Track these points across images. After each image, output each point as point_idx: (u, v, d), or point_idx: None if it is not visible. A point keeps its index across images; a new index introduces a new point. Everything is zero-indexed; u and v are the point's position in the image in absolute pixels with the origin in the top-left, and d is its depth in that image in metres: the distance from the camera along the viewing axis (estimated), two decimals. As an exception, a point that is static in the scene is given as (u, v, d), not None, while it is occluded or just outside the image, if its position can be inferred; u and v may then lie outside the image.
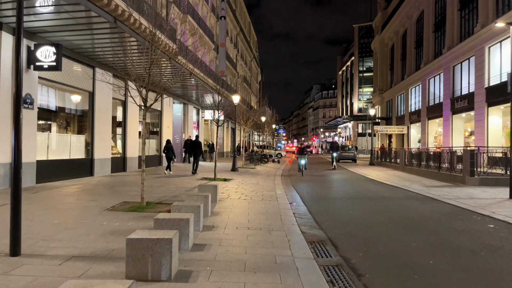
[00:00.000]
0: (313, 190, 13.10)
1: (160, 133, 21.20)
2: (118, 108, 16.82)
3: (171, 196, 9.81)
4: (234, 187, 12.49)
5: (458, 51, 26.74)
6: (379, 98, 51.03)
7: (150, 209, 7.82)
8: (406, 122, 39.13)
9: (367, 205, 9.54)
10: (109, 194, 10.01)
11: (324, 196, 11.47)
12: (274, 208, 8.53)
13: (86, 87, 13.80)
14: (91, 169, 14.08)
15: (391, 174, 19.71)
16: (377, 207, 9.28)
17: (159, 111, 20.99)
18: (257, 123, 39.13)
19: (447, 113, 28.58)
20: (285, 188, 13.20)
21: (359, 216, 8.07)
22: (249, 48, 57.58)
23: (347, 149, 34.93)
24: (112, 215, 7.15)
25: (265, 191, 11.78)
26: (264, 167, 24.86)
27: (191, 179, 14.45)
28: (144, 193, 8.15)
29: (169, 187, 11.72)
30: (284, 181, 16.08)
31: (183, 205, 6.12)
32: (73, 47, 12.33)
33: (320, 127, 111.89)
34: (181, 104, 25.09)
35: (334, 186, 14.06)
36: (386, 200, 10.38)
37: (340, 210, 8.88)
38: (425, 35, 34.10)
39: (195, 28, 26.99)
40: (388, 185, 13.86)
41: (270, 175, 18.17)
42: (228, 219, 7.14)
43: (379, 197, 11.04)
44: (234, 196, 10.25)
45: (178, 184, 12.62)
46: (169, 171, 16.36)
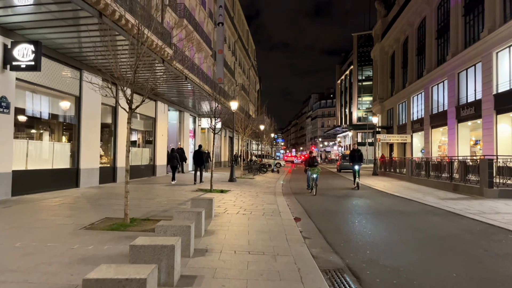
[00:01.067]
0: (318, 202, 12.02)
1: (154, 141, 20.13)
2: (108, 114, 15.76)
3: (161, 211, 8.71)
4: (232, 199, 11.40)
5: (463, 57, 25.90)
6: (379, 106, 50.18)
7: (134, 228, 6.72)
8: (408, 131, 38.18)
9: (383, 222, 8.44)
10: (91, 208, 8.90)
11: (331, 210, 10.38)
12: (278, 225, 7.44)
13: (72, 91, 12.77)
14: (76, 180, 12.96)
15: (398, 184, 18.65)
16: (395, 224, 8.19)
17: (153, 118, 19.95)
18: (256, 131, 38.16)
19: (452, 121, 27.64)
20: (287, 200, 12.12)
21: (378, 236, 6.97)
22: (247, 56, 56.85)
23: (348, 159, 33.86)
24: (88, 235, 6.05)
25: (266, 204, 10.70)
26: (263, 177, 23.77)
27: (185, 191, 13.35)
28: (128, 208, 7.05)
29: (160, 200, 10.62)
30: (286, 192, 14.99)
31: (170, 225, 5.03)
32: (57, 47, 11.32)
33: (318, 136, 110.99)
34: (177, 112, 24.08)
35: (340, 198, 12.97)
36: (403, 216, 9.29)
37: (353, 227, 7.79)
38: (428, 42, 33.34)
39: (192, 33, 26.10)
40: (400, 198, 12.78)
41: (270, 186, 17.09)
42: (224, 240, 6.05)
43: (394, 211, 9.96)
44: (231, 211, 9.16)
45: (171, 197, 11.53)
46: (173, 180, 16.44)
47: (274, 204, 10.67)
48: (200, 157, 16.88)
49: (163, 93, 19.38)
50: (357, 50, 71.35)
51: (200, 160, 16.82)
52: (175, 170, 16.91)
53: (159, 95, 19.75)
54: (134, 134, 19.60)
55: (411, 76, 37.74)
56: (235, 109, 19.06)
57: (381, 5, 52.15)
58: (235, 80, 43.35)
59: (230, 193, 13.10)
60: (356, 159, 16.93)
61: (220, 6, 34.69)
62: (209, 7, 33.94)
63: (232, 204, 10.28)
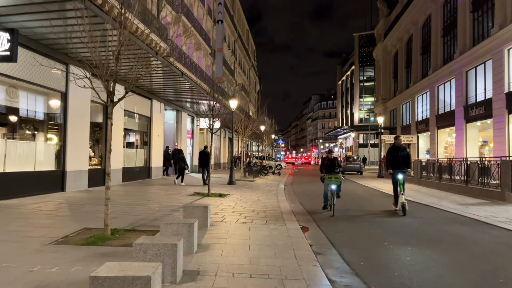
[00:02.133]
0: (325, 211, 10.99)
1: (149, 142, 19.10)
2: (98, 113, 14.75)
3: (151, 219, 7.69)
4: (231, 205, 10.38)
5: (471, 55, 24.93)
6: (382, 107, 49.21)
7: (115, 241, 5.71)
8: (413, 131, 37.18)
9: (404, 233, 7.41)
10: (71, 216, 7.88)
11: (341, 216, 9.35)
12: (283, 237, 6.42)
13: (57, 86, 11.75)
14: (62, 183, 11.94)
15: (407, 188, 17.60)
16: (418, 236, 7.16)
17: (148, 118, 18.93)
18: (256, 132, 37.14)
19: (460, 121, 26.63)
20: (291, 206, 11.10)
21: (402, 252, 5.91)
22: (247, 56, 55.88)
23: (352, 160, 32.87)
24: (57, 252, 5.03)
25: (268, 210, 9.68)
26: (264, 179, 22.76)
27: (181, 195, 12.34)
28: (108, 218, 6.04)
29: (152, 206, 9.60)
30: (290, 196, 13.97)
31: (151, 243, 4.01)
32: (38, 37, 10.32)
33: (319, 138, 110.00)
34: (174, 111, 23.07)
35: (349, 203, 11.94)
36: (424, 225, 8.24)
37: (371, 240, 6.74)
38: (433, 40, 32.37)
39: (190, 30, 25.12)
40: (414, 203, 11.74)
41: (272, 189, 16.07)
42: (221, 258, 5.03)
43: (411, 220, 8.92)
44: (230, 218, 8.14)
45: (164, 202, 10.50)
46: (180, 182, 16.27)
47: (278, 210, 9.65)
48: (206, 158, 16.51)
49: (158, 91, 18.39)
50: (358, 51, 70.42)
51: (206, 161, 16.45)
52: (183, 172, 16.55)
53: (155, 93, 18.75)
54: (132, 135, 18.59)
55: (415, 76, 36.78)
56: (235, 108, 18.05)
57: (384, 4, 51.24)
58: (235, 80, 42.37)
59: (229, 198, 12.08)
60: (401, 162, 9.87)
61: (220, 3, 33.73)
62: (208, 4, 32.97)
63: (231, 211, 9.26)
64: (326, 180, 9.99)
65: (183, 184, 16.22)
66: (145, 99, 18.38)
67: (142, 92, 17.80)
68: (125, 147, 17.96)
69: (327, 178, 9.99)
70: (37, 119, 11.89)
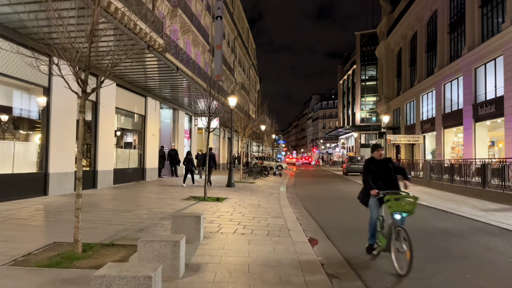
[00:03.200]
0: (331, 215, 10.00)
1: (143, 142, 18.07)
2: (87, 110, 13.73)
3: (136, 230, 6.67)
4: (228, 211, 9.36)
5: (481, 51, 23.90)
6: (385, 106, 48.16)
7: (85, 261, 4.69)
8: (417, 131, 36.14)
9: (431, 247, 6.37)
10: (44, 226, 6.87)
11: (353, 226, 8.33)
12: (289, 254, 5.41)
13: (38, 80, 10.72)
14: (44, 186, 10.92)
15: (417, 190, 16.60)
16: (453, 252, 6.13)
17: (142, 116, 17.90)
18: (256, 132, 36.12)
19: (468, 120, 25.59)
20: (295, 211, 10.09)
21: (440, 274, 4.91)
22: (247, 54, 54.86)
23: (356, 161, 31.83)
24: (8, 277, 4.02)
25: (270, 217, 8.66)
26: (264, 181, 21.74)
27: (175, 199, 11.33)
28: (79, 232, 5.02)
29: (140, 213, 8.57)
30: (293, 200, 12.94)
31: (117, 275, 2.98)
32: (15, 26, 9.30)
33: (320, 138, 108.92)
34: (171, 110, 22.05)
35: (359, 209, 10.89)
36: (453, 237, 7.16)
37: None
38: (439, 37, 31.33)
39: (187, 25, 24.10)
40: (431, 208, 10.70)
41: (273, 192, 15.05)
42: (213, 285, 4.01)
43: (436, 230, 7.85)
44: (227, 228, 7.12)
45: (155, 207, 9.48)
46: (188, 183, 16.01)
47: (281, 218, 8.63)
48: (210, 159, 16.21)
49: (153, 88, 17.37)
50: (360, 49, 69.32)
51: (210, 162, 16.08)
52: (192, 174, 16.34)
53: (149, 90, 17.73)
54: (124, 135, 17.58)
55: (420, 74, 35.75)
56: (234, 106, 17.03)
57: (386, 1, 50.17)
58: (234, 79, 41.34)
59: (227, 202, 11.06)
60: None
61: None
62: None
63: (228, 218, 8.24)
64: (385, 204, 5.19)
65: (195, 184, 16.15)
66: (139, 96, 17.37)
67: (136, 89, 16.79)
68: (121, 147, 16.95)
69: (392, 201, 5.02)
70: (16, 116, 10.88)
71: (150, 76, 15.47)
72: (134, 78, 15.43)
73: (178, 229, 5.92)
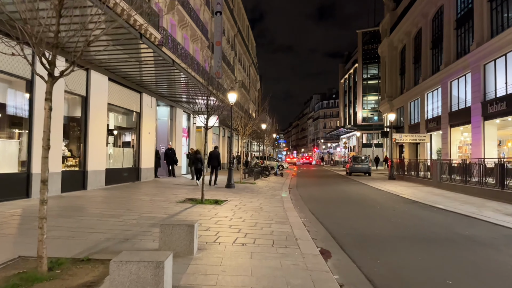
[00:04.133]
0: (341, 220, 9.10)
1: (138, 140, 17.15)
2: (76, 105, 12.84)
3: (119, 241, 5.77)
4: (227, 215, 8.46)
5: (490, 47, 22.99)
6: (387, 105, 47.26)
7: (49, 283, 3.78)
8: (422, 130, 35.21)
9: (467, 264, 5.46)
10: (14, 236, 5.97)
11: (367, 233, 7.43)
12: (300, 270, 4.51)
13: (20, 72, 9.83)
14: (27, 188, 10.02)
15: (428, 192, 15.72)
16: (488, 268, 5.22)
17: (138, 113, 16.98)
18: (257, 131, 35.21)
19: (477, 119, 24.66)
20: (300, 215, 9.20)
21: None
22: (247, 52, 53.93)
23: (360, 161, 30.89)
24: None
25: (274, 223, 7.76)
26: (266, 181, 20.83)
27: (169, 202, 10.43)
28: (43, 247, 4.12)
29: (128, 218, 7.67)
30: (297, 202, 12.03)
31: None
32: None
33: (320, 137, 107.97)
34: (168, 107, 21.13)
35: (370, 212, 10.02)
36: (484, 247, 6.23)
37: (422, 274, 4.81)
38: (445, 33, 30.39)
39: (186, 19, 23.18)
40: (451, 213, 9.78)
41: (275, 193, 14.14)
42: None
43: (462, 238, 6.93)
44: (226, 237, 6.22)
45: (146, 212, 8.58)
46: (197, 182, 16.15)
47: (286, 223, 7.73)
48: (215, 159, 16.49)
49: (148, 83, 16.45)
50: (362, 48, 68.40)
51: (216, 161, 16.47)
52: (199, 173, 16.42)
53: (145, 86, 16.81)
54: (118, 133, 16.66)
55: (425, 71, 34.82)
56: (233, 102, 16.12)
57: (390, -2, 49.27)
58: (234, 77, 40.43)
59: (226, 205, 10.16)
60: None
61: (218, -6, 31.79)
62: (206, -6, 31.04)
63: (227, 224, 7.33)
64: None
65: (198, 184, 15.95)
66: (134, 92, 16.45)
67: (130, 85, 15.88)
68: (114, 146, 16.03)
69: None
70: (-4, 111, 9.97)
71: (144, 70, 14.57)
72: (127, 72, 14.53)
73: (167, 241, 5.02)
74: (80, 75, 12.40)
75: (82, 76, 12.51)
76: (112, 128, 15.68)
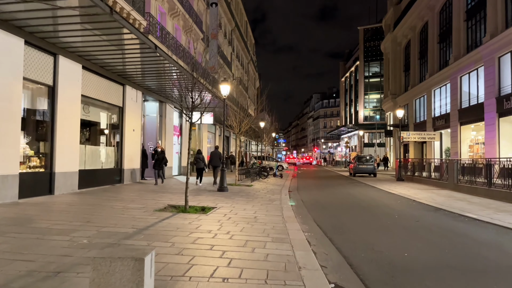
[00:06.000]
0: (355, 235, 7.35)
1: (121, 138, 15.38)
2: (40, 97, 11.07)
3: (45, 275, 4.01)
4: (212, 229, 6.70)
5: (506, 38, 21.25)
6: (391, 103, 45.52)
7: None
8: (429, 129, 33.46)
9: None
10: None
11: (394, 257, 5.66)
12: None
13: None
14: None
15: (447, 195, 13.96)
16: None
17: (120, 108, 15.21)
18: (255, 130, 33.44)
19: (491, 115, 22.91)
20: (304, 228, 7.45)
21: None
22: (246, 48, 52.12)
23: (365, 161, 29.10)
24: None
25: (270, 240, 6.00)
26: (263, 183, 19.06)
27: (145, 211, 8.67)
28: None
29: (81, 236, 5.90)
30: (299, 211, 10.24)
31: None
32: None
33: (321, 137, 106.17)
34: (157, 102, 19.36)
35: (389, 224, 8.24)
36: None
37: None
38: (455, 26, 28.63)
39: (177, 8, 21.40)
40: (487, 225, 7.98)
41: (274, 197, 12.36)
42: None
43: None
44: (201, 267, 4.47)
45: (110, 225, 6.82)
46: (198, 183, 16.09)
47: (286, 241, 5.98)
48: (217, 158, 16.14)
49: (132, 74, 14.69)
50: (363, 45, 66.63)
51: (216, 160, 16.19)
52: (201, 173, 16.33)
53: (128, 77, 15.04)
54: (96, 129, 14.84)
55: (431, 67, 33.07)
56: (226, 95, 14.34)
57: (393, -9, 47.53)
58: (232, 73, 38.64)
59: (213, 214, 8.40)
60: None
61: (214, -16, 30.03)
62: (201, -16, 29.26)
63: (208, 244, 5.57)
64: None
65: (200, 184, 15.97)
66: (115, 84, 14.67)
67: (111, 75, 14.10)
68: (91, 144, 14.18)
69: None
70: None
71: (126, 59, 12.82)
72: (105, 60, 12.75)
73: (103, 284, 3.24)
74: (45, 61, 10.64)
75: (48, 63, 10.74)
76: (88, 124, 13.88)
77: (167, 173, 19.72)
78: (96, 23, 9.49)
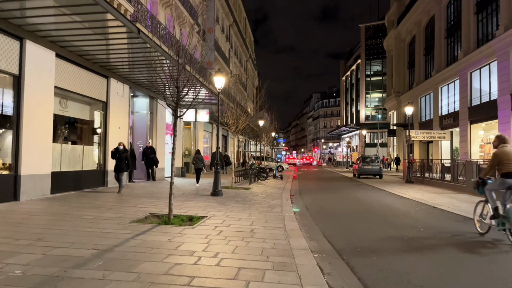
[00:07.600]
0: (380, 258, 5.88)
1: (105, 136, 13.89)
2: (3, 86, 9.58)
3: None
4: (196, 250, 5.23)
5: (522, 29, 19.84)
6: (394, 102, 44.13)
7: None
8: (435, 128, 32.01)
9: None
10: None
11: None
12: None
13: None
14: None
15: (467, 200, 12.51)
16: None
17: (103, 103, 13.73)
18: (254, 129, 31.99)
19: (505, 113, 21.45)
20: (311, 245, 5.99)
21: None
22: (244, 45, 50.66)
23: (370, 161, 27.61)
24: None
25: (270, 268, 4.54)
26: (263, 186, 17.58)
27: (119, 223, 7.23)
28: None
29: (17, 263, 4.44)
30: (303, 220, 8.75)
31: None
32: None
33: (321, 137, 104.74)
34: (147, 98, 17.90)
35: (416, 243, 6.74)
36: None
37: None
38: (464, 19, 27.20)
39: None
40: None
41: (274, 203, 10.88)
42: None
43: None
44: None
45: (64, 244, 5.34)
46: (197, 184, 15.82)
47: (291, 268, 4.51)
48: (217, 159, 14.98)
49: (117, 66, 13.23)
50: (365, 43, 65.22)
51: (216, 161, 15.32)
52: (200, 173, 16.24)
53: (112, 69, 13.57)
54: (75, 126, 13.33)
55: (438, 63, 31.62)
56: (220, 89, 12.88)
57: (397, -14, 46.10)
58: (229, 70, 37.17)
59: (201, 227, 6.94)
60: None
61: (210, -25, 28.53)
62: (196, -25, 27.76)
63: (187, 275, 4.10)
64: None
65: (198, 185, 15.67)
66: (97, 76, 13.19)
67: (92, 66, 12.62)
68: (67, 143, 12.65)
69: None
70: None
71: (108, 46, 11.36)
72: (84, 49, 11.29)
73: None
74: (9, 46, 9.16)
75: (12, 48, 9.27)
76: (67, 121, 12.39)
77: (158, 175, 18.29)
78: None
